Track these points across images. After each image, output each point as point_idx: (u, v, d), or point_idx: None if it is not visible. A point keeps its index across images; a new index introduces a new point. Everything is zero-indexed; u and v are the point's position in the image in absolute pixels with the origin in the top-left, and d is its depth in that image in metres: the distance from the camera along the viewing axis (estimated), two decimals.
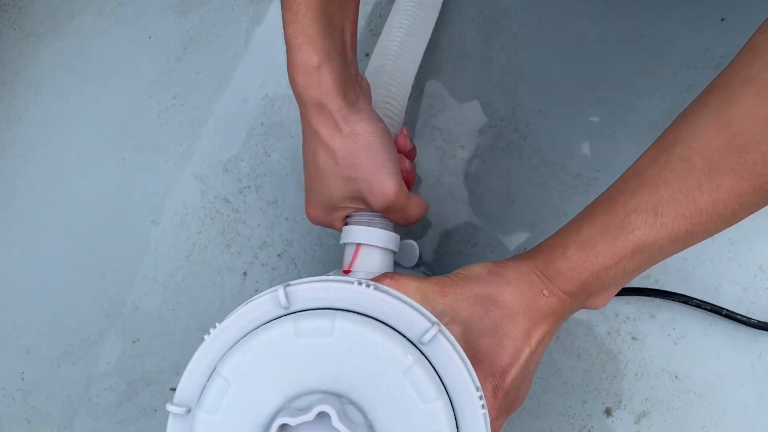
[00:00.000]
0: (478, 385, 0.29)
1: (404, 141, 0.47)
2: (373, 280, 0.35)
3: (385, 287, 0.30)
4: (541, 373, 0.53)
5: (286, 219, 0.57)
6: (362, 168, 0.41)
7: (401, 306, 0.29)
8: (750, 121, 0.33)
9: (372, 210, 0.44)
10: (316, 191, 0.44)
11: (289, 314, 0.29)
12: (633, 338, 0.53)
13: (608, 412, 0.53)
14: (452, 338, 0.29)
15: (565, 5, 0.57)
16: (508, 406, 0.37)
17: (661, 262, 0.37)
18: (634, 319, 0.53)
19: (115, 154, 0.60)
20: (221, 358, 0.29)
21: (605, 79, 0.56)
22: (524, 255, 0.39)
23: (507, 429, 0.53)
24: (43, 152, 0.61)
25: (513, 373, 0.35)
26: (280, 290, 0.29)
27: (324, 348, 0.28)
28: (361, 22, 0.58)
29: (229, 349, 0.29)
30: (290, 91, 0.59)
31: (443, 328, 0.29)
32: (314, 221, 0.46)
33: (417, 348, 0.29)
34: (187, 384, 0.29)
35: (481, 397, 0.29)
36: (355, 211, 0.45)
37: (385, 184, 0.41)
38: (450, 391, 0.28)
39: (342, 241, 0.45)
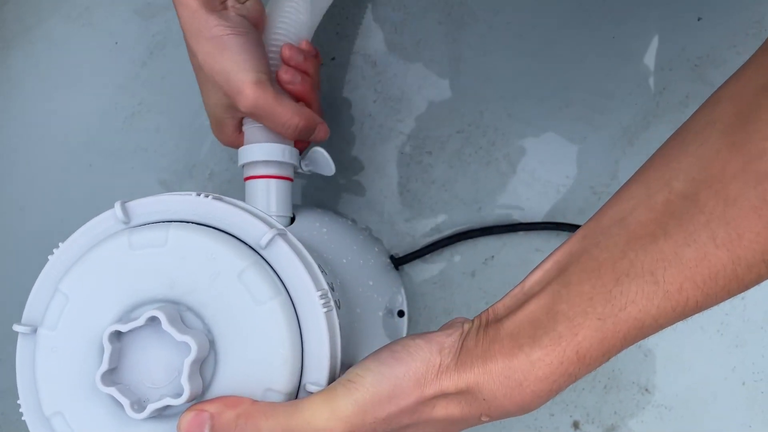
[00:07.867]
0: (322, 285, 0.29)
1: (290, 52, 0.44)
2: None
3: (227, 198, 0.30)
4: None
5: None
6: (220, 70, 0.39)
7: (240, 213, 0.29)
8: None
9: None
10: (205, 105, 0.43)
11: (127, 229, 0.30)
12: None
13: (576, 425, 0.52)
14: (296, 242, 0.29)
15: (535, 6, 0.55)
16: None
17: None
18: None
19: (82, 160, 0.60)
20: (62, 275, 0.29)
21: (576, 83, 0.54)
22: (486, 348, 0.27)
23: None
24: (12, 160, 0.61)
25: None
26: (117, 205, 0.29)
27: (158, 257, 0.28)
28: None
29: (71, 266, 0.29)
30: None
31: (288, 233, 0.29)
32: (222, 142, 0.45)
33: (257, 253, 0.29)
34: (33, 304, 0.30)
35: (322, 296, 0.29)
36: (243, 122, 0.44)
37: (243, 83, 0.39)
38: (291, 293, 0.29)
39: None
